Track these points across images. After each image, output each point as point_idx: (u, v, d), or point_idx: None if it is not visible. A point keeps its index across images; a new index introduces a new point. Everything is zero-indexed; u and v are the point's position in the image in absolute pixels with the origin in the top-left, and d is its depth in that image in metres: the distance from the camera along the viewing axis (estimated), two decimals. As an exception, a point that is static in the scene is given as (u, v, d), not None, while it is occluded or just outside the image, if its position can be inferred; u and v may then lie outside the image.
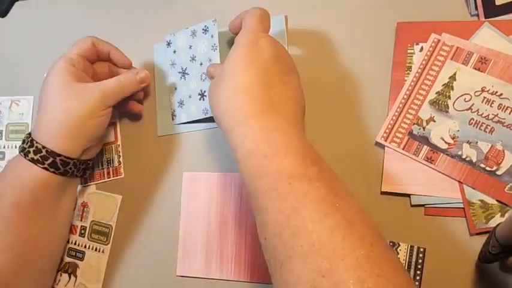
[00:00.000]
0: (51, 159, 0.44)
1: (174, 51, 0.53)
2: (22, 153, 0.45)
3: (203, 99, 0.50)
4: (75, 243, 0.53)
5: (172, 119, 0.52)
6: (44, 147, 0.44)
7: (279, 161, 0.35)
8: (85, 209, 0.54)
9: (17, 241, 0.44)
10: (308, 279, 0.30)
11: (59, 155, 0.44)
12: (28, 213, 0.44)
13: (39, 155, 0.44)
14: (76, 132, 0.45)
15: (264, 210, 0.34)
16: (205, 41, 0.50)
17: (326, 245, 0.31)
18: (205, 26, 0.50)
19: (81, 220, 0.54)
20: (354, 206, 0.34)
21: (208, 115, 0.49)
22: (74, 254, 0.53)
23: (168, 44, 0.53)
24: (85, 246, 0.53)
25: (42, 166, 0.44)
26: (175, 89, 0.53)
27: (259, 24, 0.42)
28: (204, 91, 0.50)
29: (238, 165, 0.38)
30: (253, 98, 0.38)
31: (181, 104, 0.52)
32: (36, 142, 0.44)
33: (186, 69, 0.52)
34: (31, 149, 0.44)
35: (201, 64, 0.50)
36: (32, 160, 0.44)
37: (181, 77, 0.52)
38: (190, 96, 0.51)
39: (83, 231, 0.53)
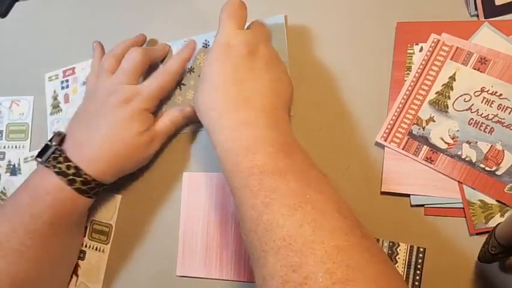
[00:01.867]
0: (87, 185, 0.44)
1: None
2: (54, 171, 0.44)
3: None
4: None
5: None
6: (86, 174, 0.44)
7: (250, 157, 0.36)
8: (85, 208, 0.54)
9: (44, 254, 0.45)
10: (280, 274, 0.30)
11: (94, 180, 0.45)
12: (58, 230, 0.45)
13: (78, 178, 0.44)
14: (117, 163, 0.45)
15: (240, 206, 0.35)
16: (205, 54, 0.50)
17: (296, 239, 0.31)
18: (205, 40, 0.50)
19: (81, 219, 0.54)
20: (329, 196, 0.34)
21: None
22: (74, 253, 0.53)
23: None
24: (86, 246, 0.53)
25: (74, 187, 0.44)
26: (169, 98, 0.52)
27: (231, 20, 0.42)
28: None
29: (220, 163, 0.38)
30: (225, 95, 0.39)
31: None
32: (72, 162, 0.44)
33: (182, 80, 0.52)
34: (68, 171, 0.44)
35: (199, 76, 0.50)
36: (67, 178, 0.44)
37: (176, 87, 0.52)
38: None
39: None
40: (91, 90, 0.50)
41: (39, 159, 0.45)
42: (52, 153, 0.44)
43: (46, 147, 0.45)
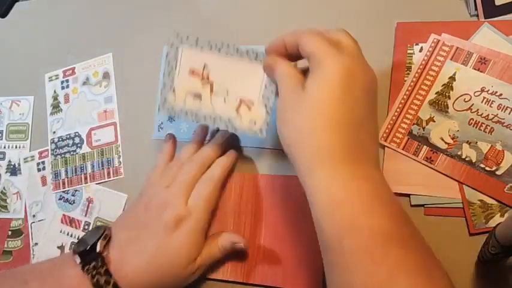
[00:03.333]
0: None
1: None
2: (92, 282, 0.39)
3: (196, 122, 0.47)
4: (78, 238, 0.53)
5: (159, 130, 0.52)
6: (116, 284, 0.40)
7: (372, 220, 0.32)
8: (90, 204, 0.54)
9: None
10: None
11: None
12: None
13: (107, 286, 0.40)
14: (154, 281, 0.42)
15: (351, 271, 0.31)
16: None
17: None
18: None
19: (85, 215, 0.54)
20: (444, 276, 0.32)
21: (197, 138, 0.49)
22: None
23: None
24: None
25: None
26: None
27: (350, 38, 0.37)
28: (178, 116, 0.46)
29: (313, 208, 0.34)
30: (342, 137, 0.34)
31: (171, 119, 0.51)
32: (112, 278, 0.40)
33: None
34: (107, 286, 0.40)
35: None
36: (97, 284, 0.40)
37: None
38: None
39: (86, 227, 0.54)
40: (148, 190, 0.47)
41: (78, 260, 0.41)
42: (94, 260, 0.40)
43: (90, 250, 0.41)
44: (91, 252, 0.41)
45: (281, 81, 0.39)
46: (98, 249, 0.41)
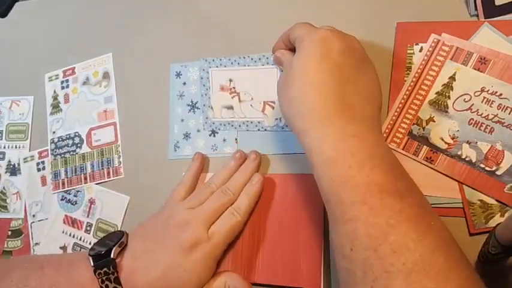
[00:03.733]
0: None
1: (184, 83, 0.53)
2: (100, 286, 0.40)
3: (214, 136, 0.50)
4: (80, 239, 0.53)
5: (175, 150, 0.52)
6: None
7: (366, 172, 0.34)
8: (92, 205, 0.54)
9: None
10: None
11: None
12: None
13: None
14: None
15: (353, 221, 0.33)
16: None
17: (430, 265, 0.30)
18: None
19: (87, 216, 0.54)
20: (442, 224, 0.34)
21: (216, 151, 0.50)
22: (79, 250, 0.53)
23: (178, 75, 0.53)
24: (90, 243, 0.53)
25: None
26: (182, 120, 0.52)
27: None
28: (218, 128, 0.50)
29: (314, 169, 0.36)
30: (327, 97, 0.37)
31: (187, 136, 0.52)
32: (121, 287, 0.41)
33: (196, 103, 0.52)
34: (110, 285, 0.40)
35: None
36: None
37: (190, 110, 0.52)
38: (198, 130, 0.51)
39: (88, 228, 0.54)
40: (172, 207, 0.46)
41: (91, 263, 0.41)
42: (106, 266, 0.41)
43: (106, 253, 0.42)
44: (105, 257, 0.41)
45: (283, 67, 0.44)
46: (112, 255, 0.42)
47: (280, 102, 0.41)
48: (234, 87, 0.50)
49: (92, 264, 0.41)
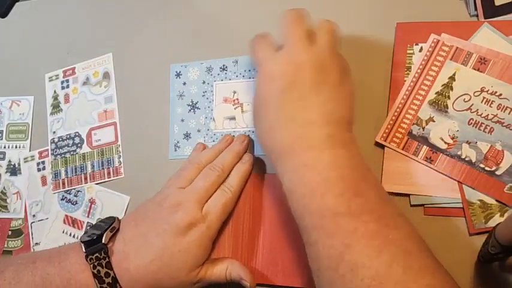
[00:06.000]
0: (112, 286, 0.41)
1: (184, 83, 0.53)
2: (92, 271, 0.40)
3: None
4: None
5: (175, 150, 0.52)
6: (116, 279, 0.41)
7: (317, 200, 0.36)
8: (92, 205, 0.54)
9: None
10: None
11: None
12: None
13: (106, 278, 0.41)
14: (154, 280, 0.42)
15: (315, 244, 0.35)
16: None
17: (387, 279, 0.31)
18: (223, 65, 0.50)
19: (87, 216, 0.54)
20: (408, 233, 0.35)
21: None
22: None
23: (178, 75, 0.53)
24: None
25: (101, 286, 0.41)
26: (182, 120, 0.52)
27: (293, 35, 0.41)
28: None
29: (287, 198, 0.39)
30: (277, 137, 0.39)
31: (187, 136, 0.52)
32: (112, 271, 0.41)
33: (196, 103, 0.52)
34: (106, 279, 0.40)
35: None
36: (101, 285, 0.40)
37: (190, 110, 0.52)
38: (199, 130, 0.51)
39: (88, 228, 0.53)
40: (164, 189, 0.46)
41: (83, 249, 0.41)
42: (97, 251, 0.41)
43: (97, 239, 0.42)
44: (97, 242, 0.42)
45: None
46: (103, 240, 0.42)
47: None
48: (237, 99, 0.51)
49: (84, 250, 0.41)
